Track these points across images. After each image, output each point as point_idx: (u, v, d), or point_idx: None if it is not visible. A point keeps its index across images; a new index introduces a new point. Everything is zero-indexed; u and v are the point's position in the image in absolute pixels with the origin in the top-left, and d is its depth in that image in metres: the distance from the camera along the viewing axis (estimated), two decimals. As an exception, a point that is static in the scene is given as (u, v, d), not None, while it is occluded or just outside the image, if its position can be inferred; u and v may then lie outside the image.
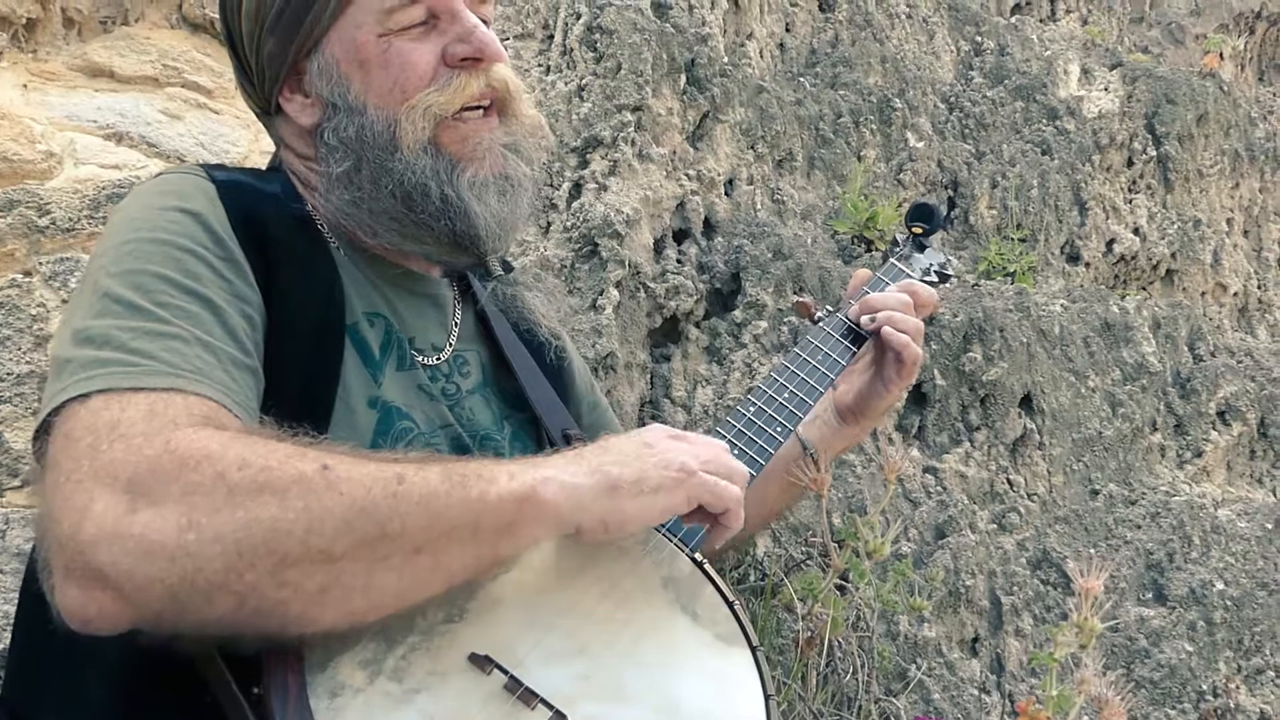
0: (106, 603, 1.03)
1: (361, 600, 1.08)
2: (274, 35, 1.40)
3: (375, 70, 1.38)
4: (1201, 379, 4.07)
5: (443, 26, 1.41)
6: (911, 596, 2.71)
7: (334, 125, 1.40)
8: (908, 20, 5.02)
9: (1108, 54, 5.49)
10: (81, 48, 2.83)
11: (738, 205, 3.55)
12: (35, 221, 2.44)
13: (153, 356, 1.15)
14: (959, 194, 4.43)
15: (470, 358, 1.55)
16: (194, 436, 1.08)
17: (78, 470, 1.06)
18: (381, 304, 1.44)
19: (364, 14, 1.38)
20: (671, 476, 1.20)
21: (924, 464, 3.33)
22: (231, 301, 1.25)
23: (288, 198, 1.43)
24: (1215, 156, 5.32)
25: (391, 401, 1.38)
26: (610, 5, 3.40)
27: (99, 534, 1.02)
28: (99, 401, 1.10)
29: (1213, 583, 3.35)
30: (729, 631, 1.28)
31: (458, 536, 1.10)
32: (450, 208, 1.40)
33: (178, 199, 1.31)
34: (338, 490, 1.06)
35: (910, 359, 1.79)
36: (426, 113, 1.39)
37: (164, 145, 2.76)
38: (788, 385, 1.67)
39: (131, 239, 1.26)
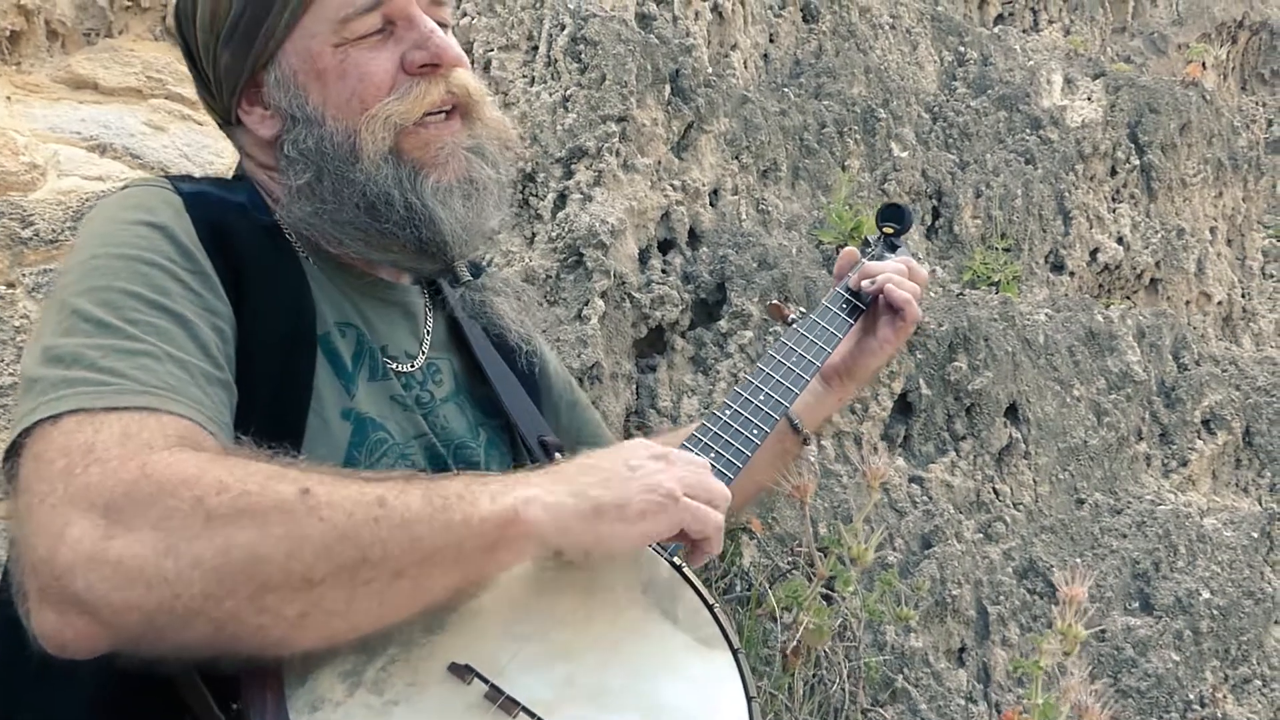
0: (83, 627, 1.02)
1: (342, 624, 1.07)
2: (229, 48, 1.38)
3: (332, 81, 1.36)
4: (1186, 388, 4.08)
5: (399, 33, 1.39)
6: (898, 606, 2.72)
7: (293, 137, 1.38)
8: (891, 31, 5.03)
9: (1090, 64, 5.51)
10: (65, 60, 2.82)
11: (722, 215, 3.55)
12: (18, 233, 2.44)
13: (124, 375, 1.13)
14: (943, 203, 4.44)
15: (443, 365, 1.53)
16: (170, 459, 1.06)
17: (52, 494, 1.04)
18: (352, 313, 1.43)
19: (319, 24, 1.36)
20: (655, 502, 1.19)
21: (910, 473, 3.34)
22: (202, 315, 1.23)
23: (255, 207, 1.41)
24: (1198, 165, 5.34)
25: (365, 413, 1.37)
26: (594, 16, 3.40)
27: (75, 559, 1.01)
28: (71, 422, 1.09)
29: (1199, 592, 3.36)
30: (710, 634, 1.28)
31: (440, 560, 1.10)
32: (415, 215, 1.38)
33: (144, 213, 1.29)
34: (318, 515, 1.05)
35: (910, 317, 1.81)
36: (386, 122, 1.37)
37: (148, 156, 2.76)
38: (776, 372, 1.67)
39: (98, 255, 1.24)
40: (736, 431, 1.55)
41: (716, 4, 4.20)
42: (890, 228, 2.00)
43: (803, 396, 1.73)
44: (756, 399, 1.62)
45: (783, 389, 1.66)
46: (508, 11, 3.58)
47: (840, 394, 1.91)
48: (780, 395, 1.65)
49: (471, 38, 3.59)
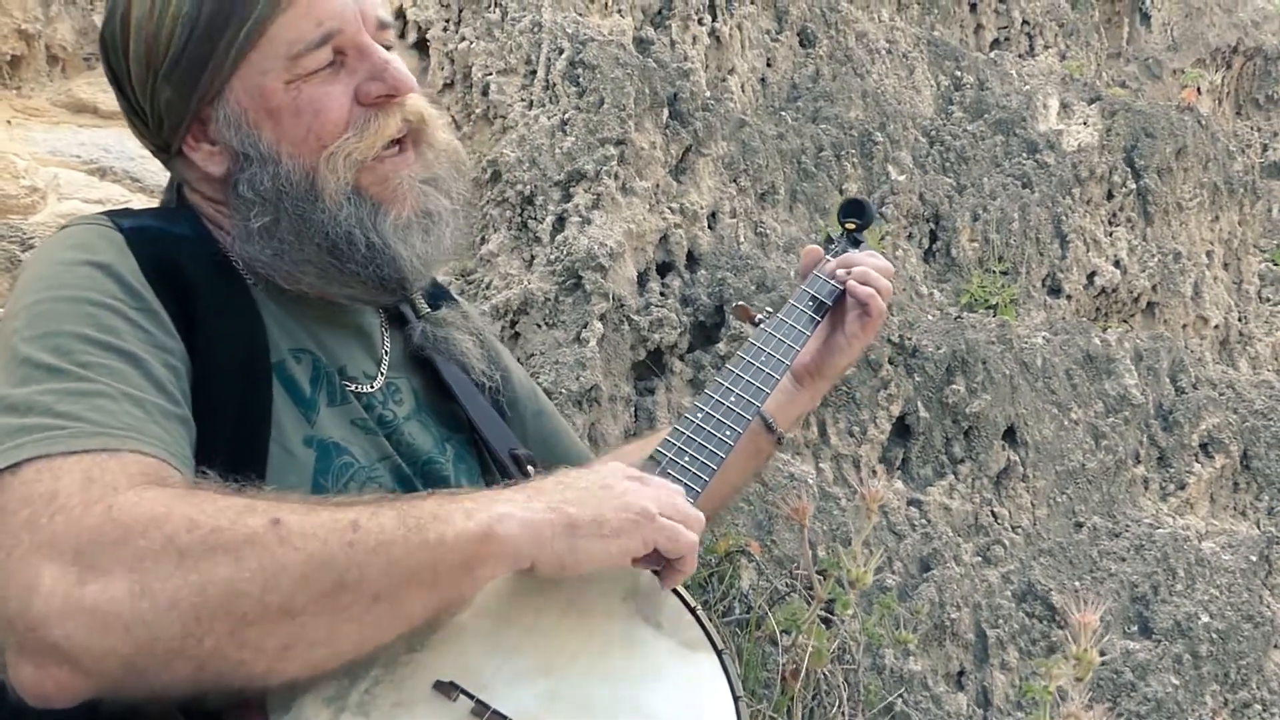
0: (63, 677, 1.00)
1: (324, 652, 1.06)
2: (170, 83, 1.34)
3: (287, 118, 1.33)
4: (1184, 411, 4.09)
5: (351, 64, 1.36)
6: (897, 629, 2.71)
7: (248, 177, 1.35)
8: (888, 55, 5.05)
9: (1086, 88, 5.53)
10: (65, 84, 2.84)
11: (720, 238, 3.56)
12: (18, 256, 2.44)
13: (80, 418, 1.11)
14: (940, 227, 4.45)
15: (402, 385, 1.51)
16: (136, 499, 1.05)
17: (19, 546, 1.02)
18: (306, 339, 1.41)
19: (269, 61, 1.33)
20: (630, 519, 1.19)
21: (908, 496, 3.33)
22: (153, 352, 1.21)
23: (199, 239, 1.38)
24: (1194, 189, 5.36)
25: (328, 438, 1.35)
26: (593, 41, 3.41)
27: (49, 609, 0.99)
28: (30, 471, 1.06)
29: (1198, 615, 3.35)
30: (694, 637, 1.28)
31: (417, 581, 1.09)
32: (376, 255, 1.37)
33: (85, 252, 1.27)
34: (292, 545, 1.04)
35: (875, 311, 1.81)
36: (348, 160, 1.34)
37: (147, 180, 2.76)
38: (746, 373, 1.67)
39: (43, 299, 1.22)
40: (709, 434, 1.55)
41: (714, 28, 4.22)
42: (852, 223, 2.00)
43: (774, 396, 1.72)
44: (728, 400, 1.61)
45: (753, 389, 1.65)
46: (506, 36, 3.59)
47: (812, 392, 1.91)
48: (751, 395, 1.64)
49: (470, 61, 3.61)
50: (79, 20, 2.91)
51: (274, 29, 1.32)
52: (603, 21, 3.76)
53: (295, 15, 1.33)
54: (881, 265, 1.87)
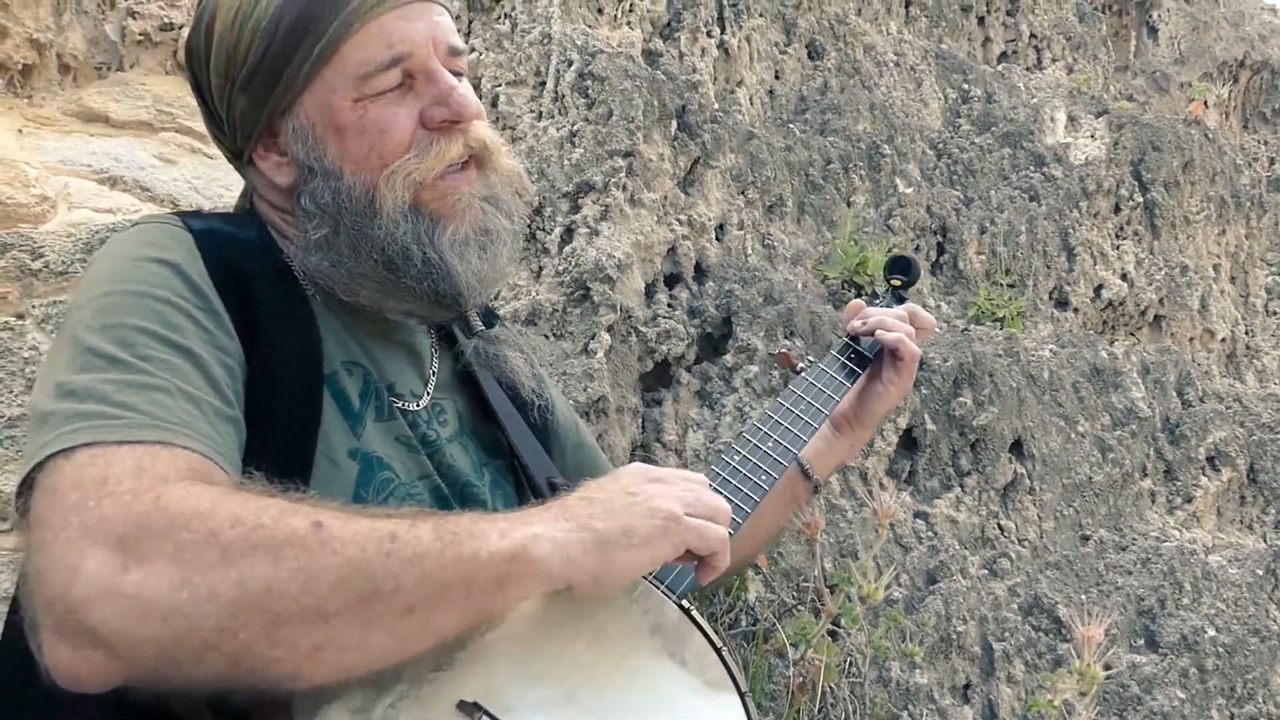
0: (98, 661, 1.02)
1: (353, 658, 1.07)
2: (246, 94, 1.39)
3: (351, 136, 1.37)
4: (1191, 425, 4.08)
5: (418, 88, 1.39)
6: (903, 642, 2.71)
7: (310, 189, 1.38)
8: (896, 68, 5.06)
9: (1093, 101, 5.54)
10: (77, 93, 2.84)
11: (728, 250, 3.56)
12: (28, 265, 2.45)
13: (137, 409, 1.13)
14: (948, 239, 4.46)
15: (448, 405, 1.53)
16: (184, 492, 1.07)
17: (67, 528, 1.04)
18: (359, 353, 1.44)
19: (339, 79, 1.36)
20: (658, 525, 1.20)
21: (915, 509, 3.33)
22: (212, 352, 1.24)
23: (263, 246, 1.42)
24: (1201, 203, 5.36)
25: (372, 452, 1.37)
26: (602, 53, 3.42)
27: (91, 593, 1.01)
28: (84, 456, 1.09)
29: (1204, 629, 3.35)
30: (718, 678, 1.28)
31: (450, 595, 1.10)
32: (433, 269, 1.39)
33: (155, 250, 1.30)
34: (331, 549, 1.05)
35: (907, 353, 1.85)
36: (407, 179, 1.37)
37: (158, 189, 2.77)
38: (785, 419, 1.68)
39: (110, 291, 1.25)
40: (745, 477, 1.56)
41: (723, 41, 4.23)
42: (898, 279, 2.02)
43: (813, 443, 1.75)
44: (765, 445, 1.63)
45: (791, 435, 1.67)
46: (515, 47, 3.60)
47: (851, 440, 1.94)
48: (789, 442, 1.65)
49: (480, 73, 3.62)
50: (90, 29, 2.92)
51: (346, 48, 1.36)
52: (612, 34, 3.77)
53: (368, 37, 1.36)
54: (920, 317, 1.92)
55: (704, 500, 1.26)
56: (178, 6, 2.99)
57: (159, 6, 2.96)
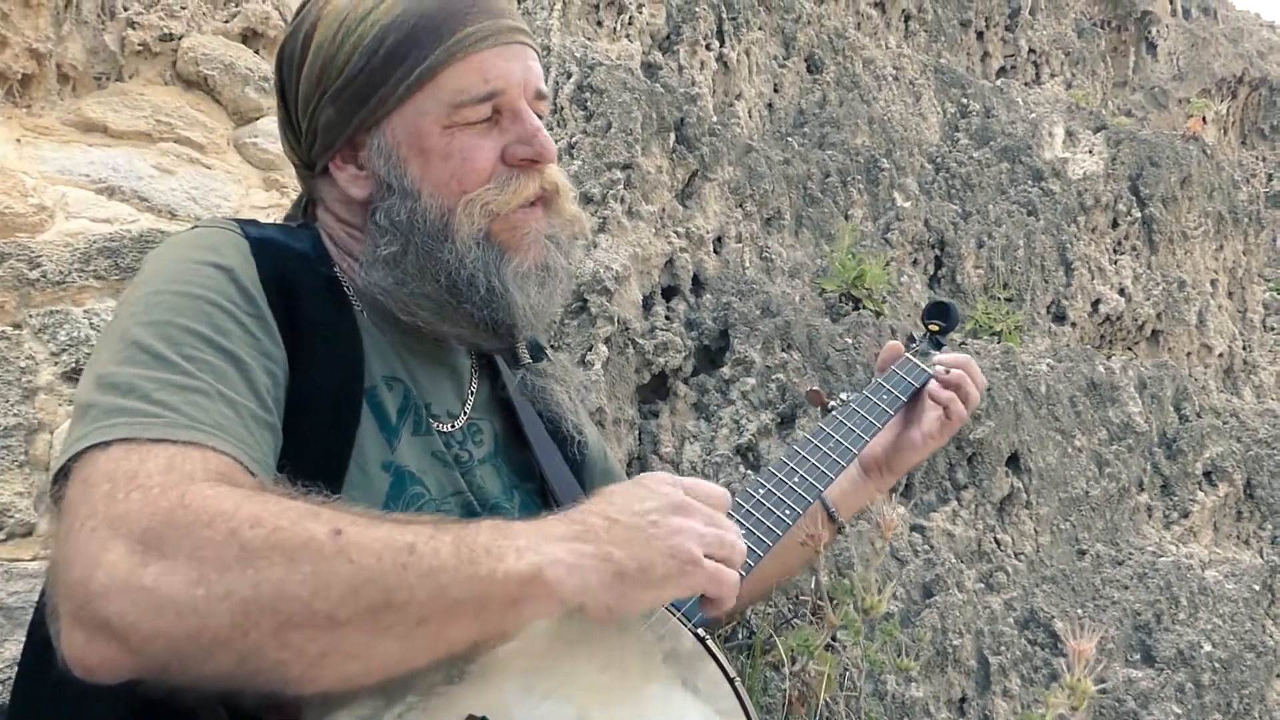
0: (111, 652, 1.03)
1: (361, 666, 1.08)
2: (335, 105, 1.42)
3: (435, 160, 1.41)
4: (1188, 439, 4.08)
5: (504, 124, 1.43)
6: (899, 656, 2.70)
7: (387, 206, 1.42)
8: (894, 82, 5.07)
9: (1092, 117, 5.55)
10: (76, 103, 2.85)
11: (726, 263, 3.57)
12: (25, 274, 2.45)
13: (175, 409, 1.16)
14: (945, 253, 4.46)
15: (484, 427, 1.56)
16: (209, 492, 1.08)
17: (93, 517, 1.06)
18: (400, 369, 1.46)
19: (431, 103, 1.40)
20: (676, 567, 1.20)
21: (911, 522, 3.33)
22: (257, 358, 1.27)
23: (316, 258, 1.45)
24: (1199, 218, 5.37)
25: (405, 466, 1.39)
26: (601, 65, 3.43)
27: (110, 584, 1.02)
28: (119, 450, 1.12)
29: (1200, 644, 3.34)
30: (729, 708, 1.27)
31: (463, 611, 1.10)
32: (495, 299, 1.43)
33: (212, 253, 1.34)
34: (347, 556, 1.06)
35: (956, 416, 1.89)
36: (484, 209, 1.41)
37: (155, 199, 2.77)
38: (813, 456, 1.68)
39: (163, 290, 1.28)
40: (769, 510, 1.56)
41: (721, 54, 4.24)
42: (936, 325, 2.02)
43: (839, 483, 1.75)
44: (791, 480, 1.62)
45: (818, 473, 1.66)
46: (515, 59, 3.61)
47: (878, 484, 1.96)
48: (815, 479, 1.65)
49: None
50: (90, 39, 2.93)
51: (444, 76, 1.41)
52: (611, 46, 3.78)
53: (466, 69, 1.41)
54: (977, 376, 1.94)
55: (724, 540, 1.26)
56: (177, 17, 2.99)
57: (158, 17, 2.97)
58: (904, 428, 1.91)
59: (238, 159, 3.01)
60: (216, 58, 3.02)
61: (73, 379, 2.39)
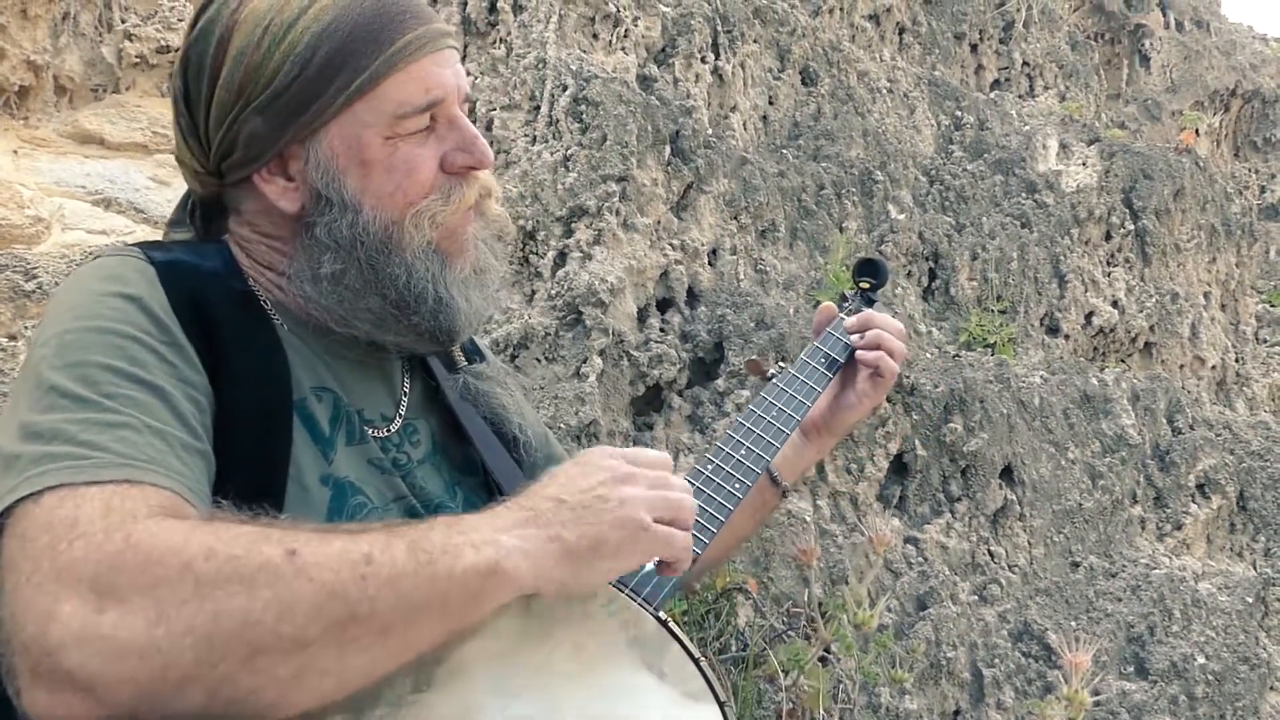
0: (77, 704, 1.01)
1: (333, 681, 1.08)
2: (263, 115, 1.37)
3: (378, 172, 1.38)
4: (1181, 452, 4.09)
5: (441, 132, 1.41)
6: (893, 668, 2.71)
7: (326, 221, 1.38)
8: (889, 95, 5.09)
9: (1085, 129, 5.57)
10: (73, 115, 2.85)
11: (721, 275, 3.58)
12: (21, 285, 2.45)
13: (104, 448, 1.13)
14: (939, 265, 4.48)
15: (420, 426, 1.54)
16: (155, 528, 1.06)
17: (38, 572, 1.03)
18: (328, 377, 1.43)
19: (372, 115, 1.37)
20: (627, 536, 1.21)
21: (905, 534, 3.34)
22: (178, 386, 1.23)
23: (228, 274, 1.41)
24: (1192, 231, 5.39)
25: (344, 477, 1.37)
26: (596, 78, 3.44)
27: (66, 636, 1.00)
28: (52, 499, 1.08)
29: (1194, 656, 3.35)
30: (697, 688, 1.28)
31: (426, 613, 1.10)
32: (442, 308, 1.42)
33: (117, 284, 1.29)
34: (306, 576, 1.05)
35: (887, 371, 1.88)
36: (432, 220, 1.39)
37: (151, 210, 2.78)
38: (757, 427, 1.70)
39: (73, 328, 1.24)
40: (719, 485, 1.58)
41: (717, 66, 4.25)
42: (866, 282, 2.03)
43: (783, 450, 1.75)
44: (738, 454, 1.64)
45: (763, 443, 1.69)
46: (510, 72, 3.62)
47: (818, 446, 1.96)
48: (761, 449, 1.67)
49: (474, 97, 3.63)
50: (87, 52, 2.93)
51: (385, 87, 1.37)
52: (606, 59, 3.79)
53: (406, 79, 1.38)
54: (894, 326, 1.92)
55: (669, 501, 1.26)
56: (174, 30, 3.00)
57: (155, 29, 2.97)
58: (841, 388, 1.91)
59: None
60: (213, 70, 3.02)
61: (69, 391, 2.39)
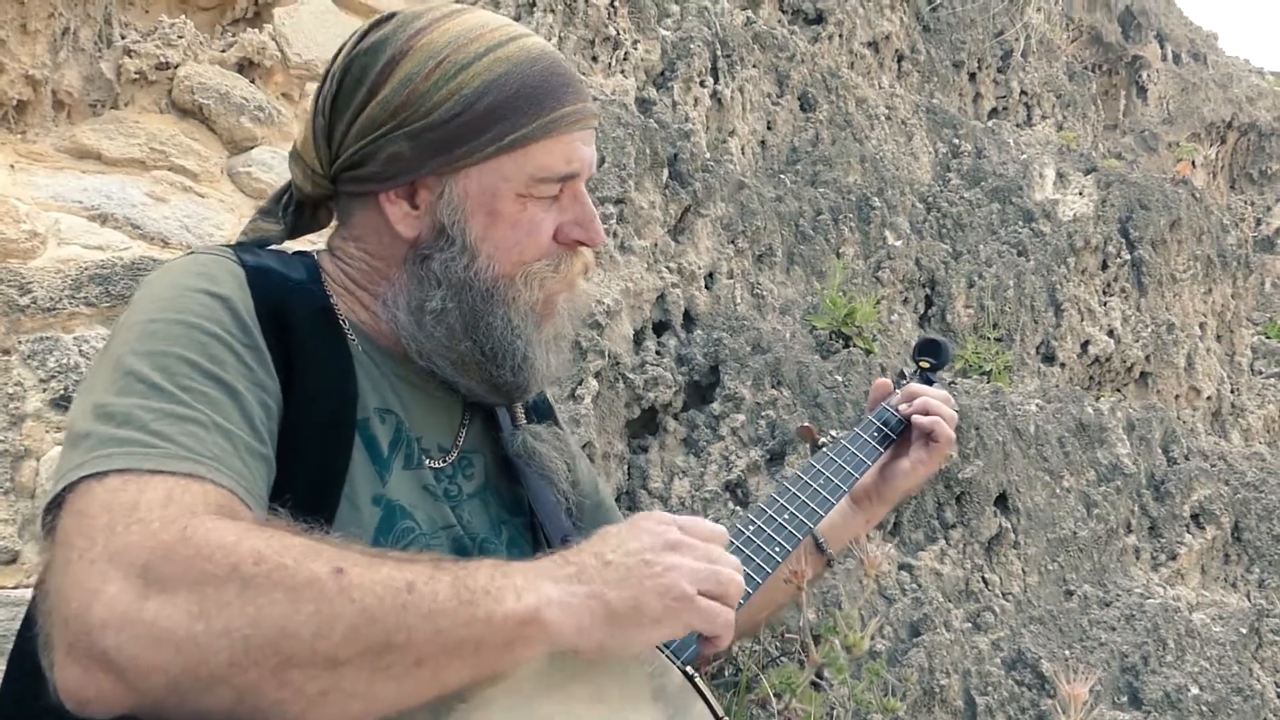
0: (107, 686, 1.02)
1: (358, 705, 1.07)
2: (412, 141, 1.41)
3: (504, 225, 1.42)
4: (1175, 481, 4.09)
5: (565, 203, 1.46)
6: (885, 695, 2.70)
7: (445, 258, 1.42)
8: (887, 121, 5.10)
9: (1082, 159, 5.59)
10: (70, 130, 2.85)
11: (717, 299, 3.58)
12: (16, 300, 2.44)
13: (172, 440, 1.15)
14: (936, 293, 4.48)
15: (475, 460, 1.56)
16: (210, 526, 1.07)
17: (91, 549, 1.05)
18: (394, 401, 1.46)
19: (514, 170, 1.41)
20: (670, 606, 1.19)
21: (900, 561, 3.33)
22: (252, 389, 1.26)
23: (312, 287, 1.44)
24: (1188, 261, 5.40)
25: (396, 500, 1.39)
26: (595, 100, 3.44)
27: (109, 617, 1.01)
28: (116, 481, 1.10)
29: (1188, 687, 3.34)
30: None
31: (460, 652, 1.10)
32: (525, 366, 1.46)
33: (207, 282, 1.32)
34: (349, 596, 1.06)
35: (943, 438, 1.89)
36: (542, 284, 1.44)
37: (148, 227, 2.77)
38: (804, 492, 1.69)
39: (159, 319, 1.27)
40: (759, 547, 1.56)
41: (715, 91, 4.26)
42: (927, 362, 2.03)
43: (830, 516, 1.75)
44: (781, 517, 1.63)
45: (808, 510, 1.67)
46: (509, 93, 3.62)
47: (868, 515, 1.97)
48: (806, 515, 1.66)
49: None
50: (86, 67, 2.93)
51: (534, 149, 1.42)
52: (605, 81, 3.80)
53: (554, 147, 1.43)
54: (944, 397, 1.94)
55: (719, 577, 1.25)
56: (174, 46, 3.00)
57: (155, 46, 2.97)
58: (893, 458, 1.92)
59: (231, 188, 3.01)
60: (212, 87, 3.02)
61: (61, 406, 2.39)
